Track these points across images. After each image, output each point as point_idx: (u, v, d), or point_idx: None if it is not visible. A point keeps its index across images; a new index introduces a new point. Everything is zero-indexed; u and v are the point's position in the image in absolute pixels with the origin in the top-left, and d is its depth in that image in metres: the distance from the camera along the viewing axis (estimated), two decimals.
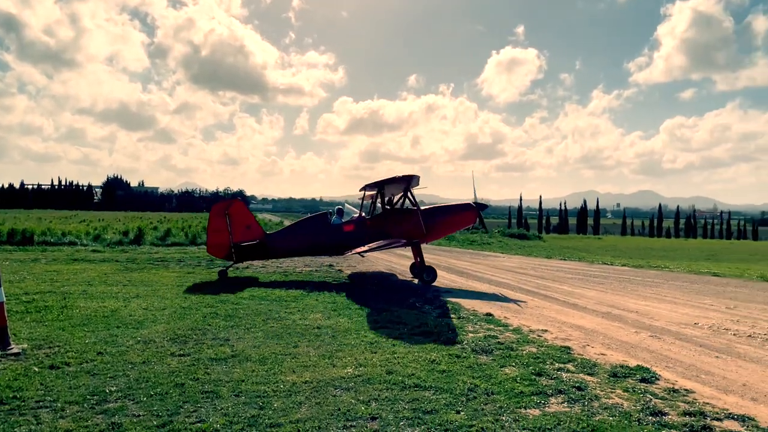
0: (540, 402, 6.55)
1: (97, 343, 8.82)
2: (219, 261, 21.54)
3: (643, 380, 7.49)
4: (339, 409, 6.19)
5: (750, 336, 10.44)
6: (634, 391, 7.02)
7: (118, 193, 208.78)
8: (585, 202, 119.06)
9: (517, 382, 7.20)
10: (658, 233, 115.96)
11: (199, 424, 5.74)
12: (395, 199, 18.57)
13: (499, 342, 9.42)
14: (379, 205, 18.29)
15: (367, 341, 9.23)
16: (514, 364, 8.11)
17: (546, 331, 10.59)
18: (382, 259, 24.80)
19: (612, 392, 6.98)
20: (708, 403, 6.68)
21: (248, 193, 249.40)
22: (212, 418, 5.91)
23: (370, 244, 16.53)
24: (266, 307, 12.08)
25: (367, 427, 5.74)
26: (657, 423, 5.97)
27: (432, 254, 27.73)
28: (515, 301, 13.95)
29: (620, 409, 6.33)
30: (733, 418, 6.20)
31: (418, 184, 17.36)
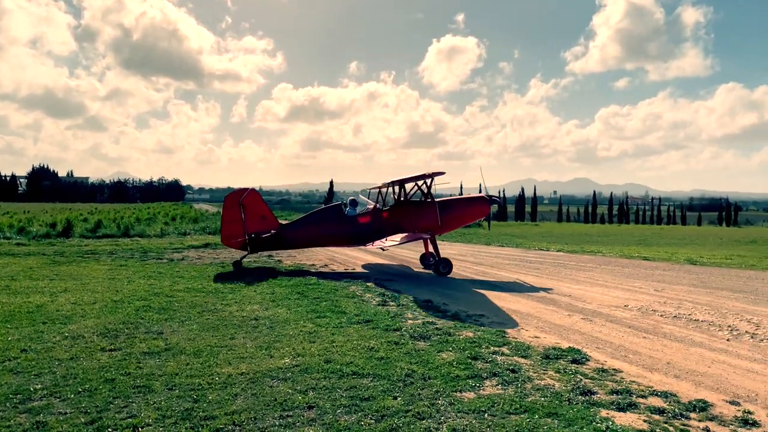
0: (475, 385, 6.71)
1: (21, 340, 8.50)
2: (153, 253, 21.03)
3: (574, 361, 7.78)
4: (275, 400, 6.18)
5: (675, 317, 10.95)
6: (565, 372, 7.28)
7: (44, 184, 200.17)
8: (523, 189, 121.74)
9: (453, 367, 7.35)
10: (593, 219, 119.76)
11: (130, 420, 5.62)
12: (408, 192, 18.63)
13: (437, 328, 9.57)
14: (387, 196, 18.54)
15: (306, 331, 9.22)
16: (451, 349, 8.27)
17: (483, 315, 10.82)
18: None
19: (544, 374, 7.22)
20: (634, 382, 6.99)
21: (184, 182, 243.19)
22: (144, 412, 5.80)
23: (393, 237, 16.67)
24: (202, 299, 11.89)
25: (303, 416, 5.76)
26: (586, 402, 6.21)
27: None
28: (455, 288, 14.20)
29: (552, 390, 6.56)
30: (657, 394, 6.52)
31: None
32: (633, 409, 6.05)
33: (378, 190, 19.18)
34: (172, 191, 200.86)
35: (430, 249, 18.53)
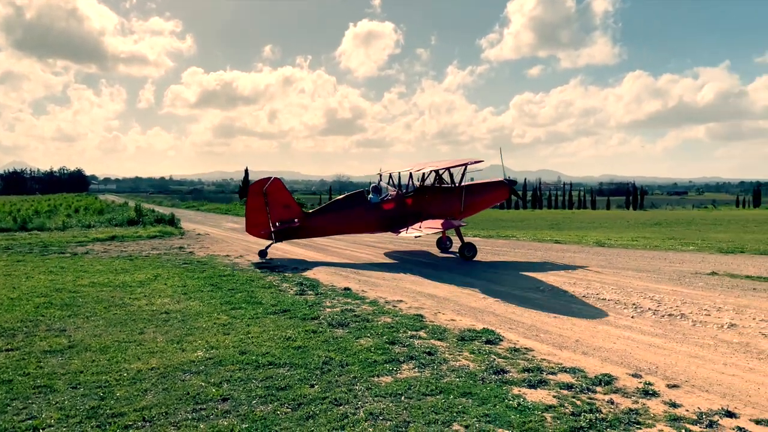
0: (392, 369, 6.82)
1: None
2: (54, 247, 20.04)
3: (488, 342, 8.05)
4: (188, 393, 6.07)
5: (584, 296, 11.50)
6: (479, 352, 7.53)
7: None
8: None
9: (371, 352, 7.45)
10: (508, 205, 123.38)
11: (30, 422, 5.38)
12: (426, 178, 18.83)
13: (355, 315, 9.65)
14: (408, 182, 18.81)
15: (220, 323, 9.08)
16: (369, 335, 8.37)
17: (401, 301, 10.99)
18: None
19: (459, 355, 7.44)
20: (545, 359, 7.32)
21: (88, 172, 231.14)
22: (45, 413, 5.57)
23: (429, 224, 16.49)
24: (108, 294, 11.46)
25: (218, 409, 5.69)
26: (499, 381, 6.46)
27: None
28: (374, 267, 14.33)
29: (467, 370, 6.77)
30: (566, 371, 6.85)
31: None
32: (543, 385, 6.34)
33: (389, 174, 19.53)
34: (75, 182, 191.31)
35: (448, 233, 18.81)
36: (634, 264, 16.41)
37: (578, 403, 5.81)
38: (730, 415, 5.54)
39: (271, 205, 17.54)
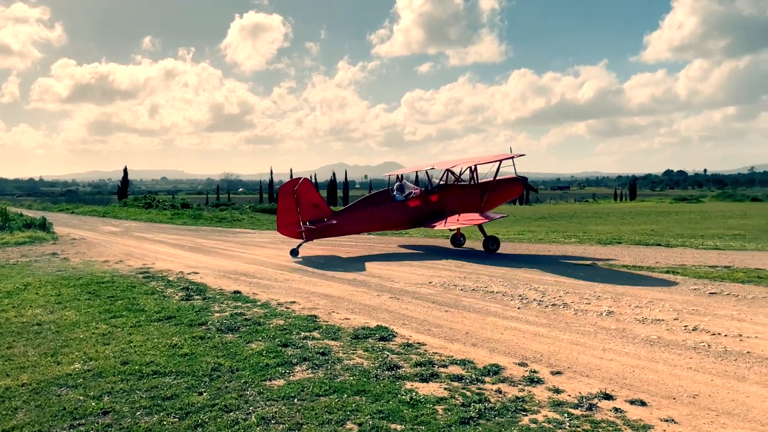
0: (285, 372, 6.79)
1: None
2: None
3: (381, 339, 8.18)
4: (65, 409, 5.75)
5: (474, 290, 11.92)
6: (373, 349, 7.64)
7: None
8: (334, 174, 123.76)
9: (263, 356, 7.37)
10: None
11: None
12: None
13: (246, 318, 9.50)
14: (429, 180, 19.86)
15: (99, 333, 8.66)
16: (260, 338, 8.26)
17: (294, 302, 10.93)
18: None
19: (353, 353, 7.51)
20: (437, 353, 7.54)
21: None
22: None
23: (467, 217, 17.85)
24: None
25: (98, 423, 5.43)
26: (392, 376, 6.59)
27: (176, 234, 26.76)
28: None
29: (360, 368, 6.85)
30: (456, 363, 7.10)
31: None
32: (435, 378, 6.53)
33: (415, 172, 21.06)
34: None
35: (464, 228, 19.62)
36: (520, 256, 17.17)
37: (468, 394, 6.03)
38: (607, 397, 5.94)
39: (302, 205, 18.18)
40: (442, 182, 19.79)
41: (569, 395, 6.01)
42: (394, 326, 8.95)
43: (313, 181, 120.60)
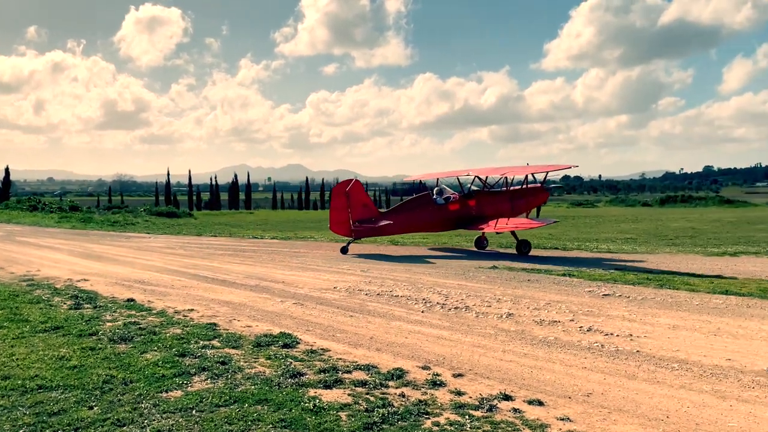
0: (183, 383, 6.61)
1: None
2: None
3: (285, 346, 8.12)
4: None
5: (378, 294, 12.05)
6: (276, 357, 7.57)
7: None
8: (236, 176, 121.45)
9: (158, 367, 7.14)
10: (306, 206, 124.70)
11: None
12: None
13: (141, 328, 9.17)
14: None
15: None
16: (156, 348, 8.00)
17: (192, 310, 10.65)
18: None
19: (255, 362, 7.42)
20: (341, 359, 7.57)
21: None
22: None
23: (516, 220, 19.50)
24: None
25: None
26: (295, 384, 6.55)
27: (63, 239, 25.42)
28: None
29: (262, 377, 6.78)
30: (360, 368, 7.15)
31: None
32: (339, 384, 6.56)
33: (457, 178, 21.95)
34: None
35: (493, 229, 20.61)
36: (424, 260, 17.51)
37: (372, 399, 6.09)
38: (507, 398, 6.17)
39: (352, 205, 19.30)
40: (476, 188, 21.44)
41: (470, 397, 6.19)
42: (297, 333, 8.90)
43: (214, 183, 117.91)
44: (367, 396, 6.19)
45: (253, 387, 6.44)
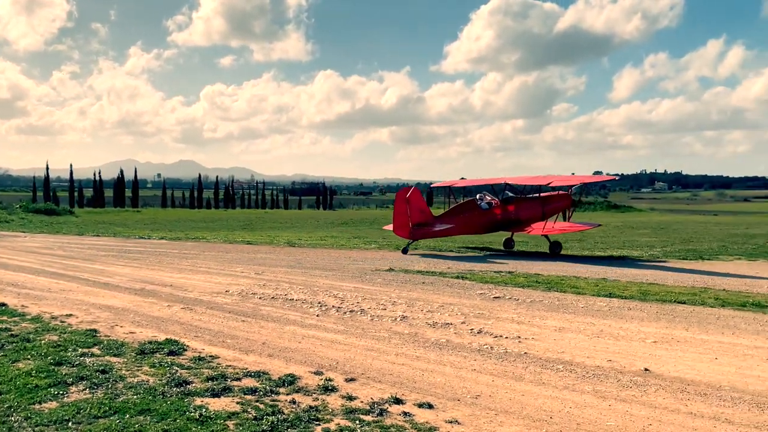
0: (58, 393, 6.30)
1: None
2: None
3: (171, 353, 7.91)
4: None
5: (273, 298, 11.97)
6: (161, 365, 7.36)
7: None
8: (122, 172, 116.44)
9: (32, 377, 6.77)
10: (199, 204, 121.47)
11: None
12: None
13: (12, 335, 8.66)
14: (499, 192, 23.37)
15: None
16: (30, 356, 7.59)
17: (71, 315, 10.18)
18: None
19: (138, 370, 7.18)
20: (230, 366, 7.46)
21: None
22: None
23: (561, 225, 22.01)
24: None
25: None
26: (181, 393, 6.40)
27: None
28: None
29: (146, 386, 6.57)
30: (251, 375, 7.08)
31: None
32: (227, 393, 6.46)
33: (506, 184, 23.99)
34: None
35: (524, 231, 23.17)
36: (321, 263, 17.55)
37: (261, 406, 6.05)
38: (398, 401, 6.29)
39: (412, 210, 21.10)
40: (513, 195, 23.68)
41: (362, 402, 6.28)
42: (185, 339, 8.69)
43: (98, 178, 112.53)
44: (257, 404, 6.14)
45: (135, 397, 6.24)
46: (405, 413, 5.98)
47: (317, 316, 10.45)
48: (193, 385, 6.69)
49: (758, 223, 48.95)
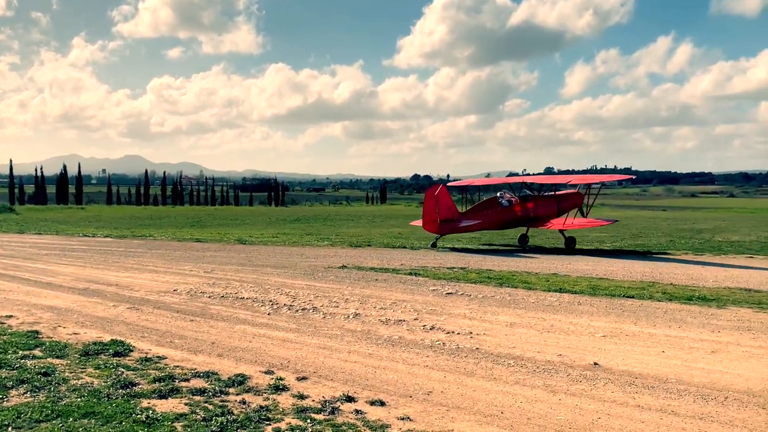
0: None
1: None
2: None
3: (116, 354, 7.77)
4: None
5: (223, 297, 11.84)
6: (106, 366, 7.22)
7: None
8: (65, 167, 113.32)
9: None
10: (146, 201, 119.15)
11: None
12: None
13: None
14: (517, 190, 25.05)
15: None
16: None
17: (11, 316, 9.90)
18: None
19: (83, 372, 7.03)
20: (178, 366, 7.36)
21: None
22: None
23: (581, 221, 23.33)
24: None
25: None
26: (127, 395, 6.29)
27: None
28: None
29: (90, 388, 6.43)
30: (199, 376, 7.00)
31: None
32: (175, 394, 6.38)
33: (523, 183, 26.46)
34: None
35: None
36: (273, 261, 17.44)
37: (210, 407, 5.99)
38: (350, 399, 6.31)
39: (440, 207, 22.25)
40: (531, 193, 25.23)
41: (313, 400, 6.27)
42: (131, 340, 8.54)
43: (39, 174, 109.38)
44: (206, 404, 6.08)
45: (79, 399, 6.10)
46: (357, 411, 6.01)
47: (268, 314, 10.38)
48: (140, 386, 6.58)
49: (704, 219, 50.66)
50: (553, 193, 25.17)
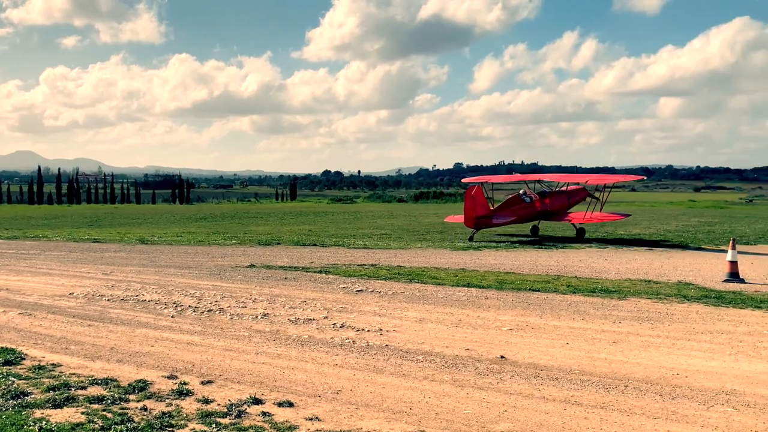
0: None
1: None
2: None
3: (6, 363, 7.40)
4: None
5: (123, 299, 11.46)
6: None
7: None
8: None
9: None
10: (39, 200, 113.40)
11: None
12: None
13: None
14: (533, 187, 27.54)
15: None
16: None
17: None
18: None
19: None
20: (74, 374, 7.09)
21: None
22: None
23: (598, 215, 25.37)
24: None
25: None
26: (18, 405, 6.00)
27: None
28: None
29: None
30: (97, 383, 6.76)
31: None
32: (71, 402, 6.13)
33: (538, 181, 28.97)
34: None
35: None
36: (176, 261, 17.02)
37: (109, 415, 5.80)
38: (257, 402, 6.26)
39: (476, 205, 24.25)
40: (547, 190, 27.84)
41: (219, 404, 6.19)
42: (23, 347, 8.14)
43: None
44: (104, 413, 5.88)
45: None
46: (264, 413, 5.97)
47: (172, 317, 10.14)
48: (33, 396, 6.29)
49: None
50: (564, 189, 28.13)
